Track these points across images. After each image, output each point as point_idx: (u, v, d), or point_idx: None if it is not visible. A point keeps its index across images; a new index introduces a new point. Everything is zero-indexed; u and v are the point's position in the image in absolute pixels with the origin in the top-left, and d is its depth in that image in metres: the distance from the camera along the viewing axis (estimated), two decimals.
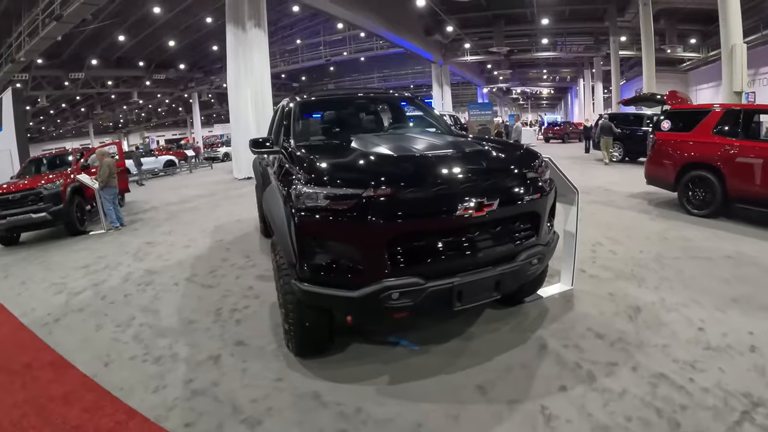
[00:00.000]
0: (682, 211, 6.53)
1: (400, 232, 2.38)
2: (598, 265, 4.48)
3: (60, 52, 23.65)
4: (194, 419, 2.43)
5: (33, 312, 4.37)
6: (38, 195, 7.46)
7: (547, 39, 29.23)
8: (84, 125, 43.25)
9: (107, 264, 5.90)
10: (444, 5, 23.29)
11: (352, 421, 2.33)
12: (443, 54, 30.89)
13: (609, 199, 7.87)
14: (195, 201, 10.93)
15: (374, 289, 2.33)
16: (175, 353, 3.23)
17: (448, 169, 2.58)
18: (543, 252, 2.80)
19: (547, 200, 2.83)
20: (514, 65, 37.01)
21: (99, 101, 37.54)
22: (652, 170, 7.13)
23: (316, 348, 2.93)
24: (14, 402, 2.74)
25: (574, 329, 3.19)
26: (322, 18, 27.99)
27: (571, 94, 46.53)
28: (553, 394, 2.47)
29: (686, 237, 5.34)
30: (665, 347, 2.88)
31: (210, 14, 22.87)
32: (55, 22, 14.48)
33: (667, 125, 6.93)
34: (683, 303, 3.52)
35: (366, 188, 2.34)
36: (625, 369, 2.66)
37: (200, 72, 35.00)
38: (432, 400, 2.47)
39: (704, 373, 2.57)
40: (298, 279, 2.51)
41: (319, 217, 2.37)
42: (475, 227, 2.52)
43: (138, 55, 28.56)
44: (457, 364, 2.81)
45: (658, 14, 20.51)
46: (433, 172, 2.54)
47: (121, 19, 21.06)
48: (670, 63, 27.17)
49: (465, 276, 2.46)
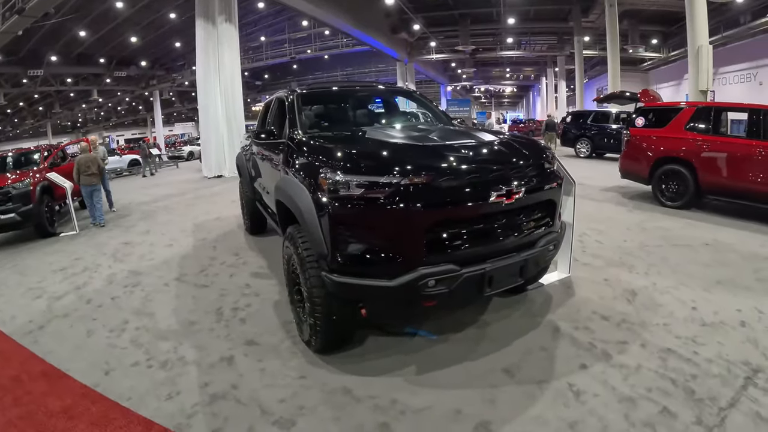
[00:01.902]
0: (656, 203, 6.87)
1: (437, 219, 2.39)
2: (589, 254, 4.66)
3: (19, 48, 22.31)
4: (220, 425, 2.31)
5: (13, 320, 4.04)
6: (6, 194, 6.95)
7: (512, 38, 29.85)
8: (42, 125, 41.11)
9: (86, 266, 5.60)
10: (411, 3, 23.42)
11: (389, 412, 2.32)
12: (409, 52, 31.05)
13: (585, 193, 8.13)
14: (167, 200, 10.54)
15: (412, 278, 2.33)
16: (182, 356, 3.05)
17: (478, 158, 2.64)
18: (558, 239, 2.91)
19: (561, 189, 2.96)
20: (478, 64, 37.63)
21: (58, 100, 35.73)
22: (627, 165, 7.44)
23: (340, 343, 2.91)
24: (8, 420, 2.46)
25: (580, 313, 3.34)
26: (287, 15, 27.67)
27: (533, 93, 47.81)
28: (575, 372, 2.59)
29: (664, 227, 5.64)
30: (666, 325, 3.10)
31: (174, 10, 22.15)
32: (17, 16, 13.64)
33: (641, 122, 7.25)
34: (673, 286, 3.76)
35: (403, 176, 2.34)
36: (635, 346, 2.84)
37: (162, 69, 33.85)
38: (463, 386, 2.52)
39: (705, 346, 2.81)
40: (330, 270, 2.47)
41: (354, 205, 2.35)
42: (503, 215, 2.59)
43: (99, 51, 27.31)
44: (478, 350, 2.87)
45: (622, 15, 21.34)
46: (465, 160, 2.58)
47: (82, 14, 20.07)
48: (632, 63, 28.33)
49: (495, 262, 2.51)
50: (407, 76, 32.09)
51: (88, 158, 8.12)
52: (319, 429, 2.25)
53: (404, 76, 32.00)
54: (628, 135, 7.35)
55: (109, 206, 9.55)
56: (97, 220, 8.10)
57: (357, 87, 4.69)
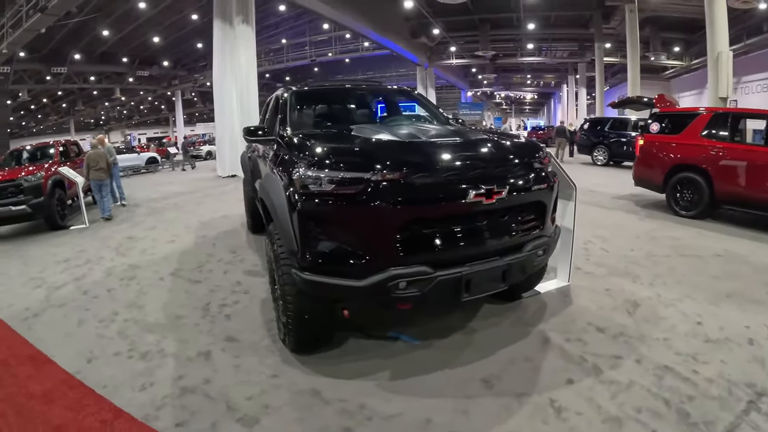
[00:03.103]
0: (669, 212, 6.63)
1: (409, 218, 2.30)
2: (592, 262, 4.49)
3: (42, 45, 22.92)
4: (186, 418, 2.29)
5: (10, 307, 4.15)
6: (18, 187, 7.12)
7: (533, 44, 29.53)
8: (65, 121, 42.15)
9: (88, 258, 5.68)
10: (431, 8, 23.32)
11: (356, 417, 2.23)
12: (428, 57, 30.94)
13: (596, 200, 7.95)
14: (178, 198, 10.66)
15: (381, 278, 2.24)
16: (163, 349, 3.09)
17: (457, 155, 2.52)
18: (548, 243, 2.77)
19: (552, 192, 2.81)
20: (498, 69, 37.30)
21: (81, 97, 36.59)
22: (641, 172, 7.21)
23: (314, 343, 2.83)
24: None
25: (575, 323, 3.18)
26: (308, 18, 27.82)
27: (554, 100, 47.20)
28: (560, 386, 2.43)
29: (675, 236, 5.42)
30: (666, 340, 2.91)
31: (195, 11, 22.53)
32: (40, 14, 14.03)
33: (655, 127, 7.02)
34: (678, 298, 3.57)
35: (374, 172, 2.26)
36: (629, 361, 2.66)
37: (184, 70, 34.42)
38: (438, 395, 2.40)
39: (707, 365, 2.61)
40: (300, 268, 2.40)
41: (323, 201, 2.28)
42: (484, 215, 2.47)
43: (121, 50, 27.91)
44: (460, 358, 2.75)
45: (643, 22, 20.92)
46: (442, 157, 2.47)
47: (105, 13, 20.56)
48: (654, 70, 27.71)
49: (474, 265, 2.39)
50: (427, 80, 31.98)
51: (97, 154, 8.41)
52: (281, 429, 2.18)
53: (424, 80, 31.90)
54: (642, 141, 7.13)
55: (120, 200, 9.79)
56: (105, 213, 8.33)
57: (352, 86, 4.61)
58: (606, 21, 23.62)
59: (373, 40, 26.03)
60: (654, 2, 18.94)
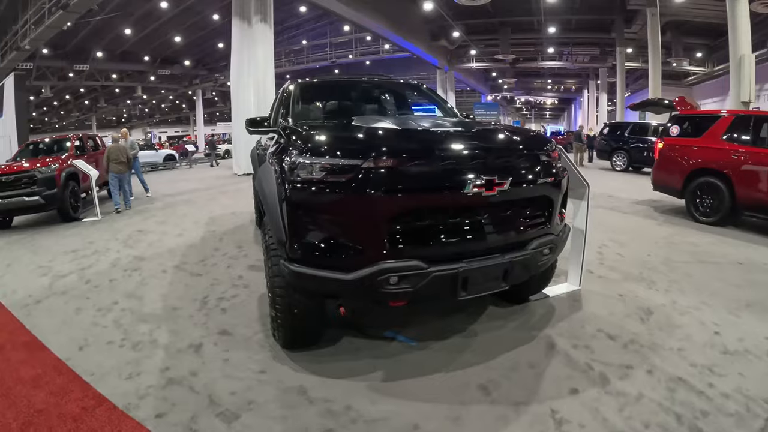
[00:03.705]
0: (688, 218, 6.37)
1: (402, 208, 2.17)
2: (606, 267, 4.30)
3: (65, 42, 23.45)
4: (167, 410, 2.24)
5: (14, 294, 4.20)
6: (32, 178, 7.22)
7: (553, 48, 29.08)
8: (87, 118, 43.03)
9: (96, 249, 5.71)
10: (451, 10, 23.17)
11: (340, 419, 2.11)
12: (448, 60, 30.75)
13: (614, 205, 7.72)
14: (192, 194, 10.74)
15: (370, 272, 2.11)
16: (155, 340, 3.05)
17: (457, 144, 2.38)
18: (554, 242, 2.59)
19: (560, 187, 2.63)
20: (518, 74, 36.91)
21: (103, 94, 37.29)
22: (660, 176, 6.96)
23: (305, 339, 2.72)
24: None
25: (584, 329, 3.01)
26: (329, 19, 27.88)
27: (575, 105, 46.52)
28: (563, 396, 2.27)
29: (694, 242, 5.19)
30: (681, 350, 2.72)
31: (216, 12, 22.74)
32: (62, 11, 14.30)
33: (675, 130, 6.76)
34: (695, 306, 3.37)
35: (365, 159, 2.13)
36: (640, 372, 2.48)
37: (205, 69, 34.81)
38: (430, 399, 2.26)
39: (724, 378, 2.41)
40: (288, 259, 2.30)
41: (313, 189, 2.17)
42: (484, 209, 2.32)
43: (143, 49, 28.35)
44: (458, 361, 2.61)
45: (665, 27, 20.39)
46: (440, 146, 2.34)
47: (127, 12, 20.87)
48: (675, 76, 27.02)
49: (471, 262, 2.24)
50: (447, 84, 31.82)
51: (118, 148, 8.65)
52: (261, 427, 2.09)
53: (444, 84, 31.74)
54: (661, 144, 6.88)
55: (145, 192, 10.43)
56: (119, 205, 8.61)
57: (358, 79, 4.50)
58: (628, 25, 23.09)
59: (393, 42, 25.98)
60: (676, 6, 18.43)
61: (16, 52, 17.91)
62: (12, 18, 18.30)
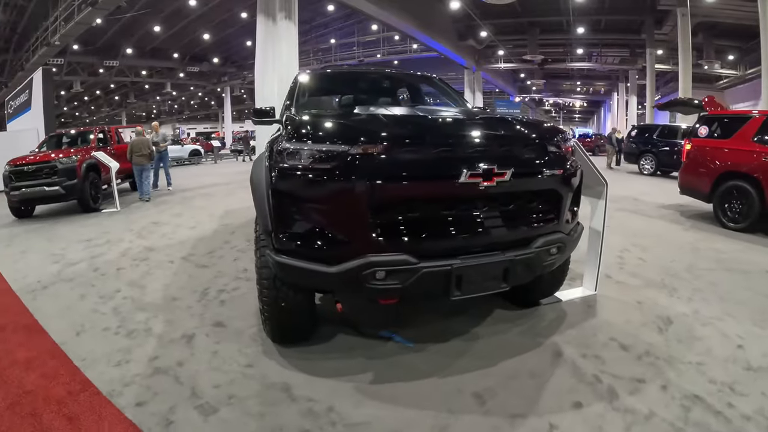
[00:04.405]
0: (716, 224, 6.02)
1: (391, 198, 2.03)
2: (626, 272, 4.06)
3: (96, 39, 24.13)
4: (148, 399, 2.20)
5: (24, 279, 4.27)
6: (53, 168, 7.39)
7: (582, 49, 28.37)
8: (117, 113, 44.18)
9: (109, 239, 5.78)
10: (478, 9, 22.86)
11: (319, 420, 2.00)
12: (476, 60, 30.36)
13: (638, 208, 7.40)
14: (212, 188, 10.86)
15: (355, 265, 1.99)
16: (150, 328, 3.03)
17: (454, 130, 2.23)
18: (563, 241, 2.40)
19: (571, 181, 2.43)
20: (547, 75, 36.17)
21: (133, 90, 38.13)
22: (687, 179, 6.60)
23: (293, 334, 2.62)
24: None
25: (596, 338, 2.80)
26: (357, 18, 27.86)
27: (605, 108, 45.34)
28: (565, 410, 2.08)
29: (720, 249, 4.88)
30: (700, 365, 2.48)
31: (245, 9, 23.00)
32: (90, 8, 14.68)
33: (704, 131, 6.40)
34: (719, 317, 3.10)
35: (351, 145, 2.01)
36: (653, 387, 2.26)
37: (233, 67, 35.29)
38: (418, 405, 2.11)
39: (745, 398, 2.17)
40: (274, 250, 2.20)
41: (299, 177, 2.07)
42: (482, 201, 2.15)
43: (172, 46, 28.96)
44: (454, 366, 2.45)
45: (696, 28, 19.58)
46: (434, 132, 2.20)
47: (156, 9, 21.36)
48: (707, 79, 25.92)
49: (467, 259, 2.08)
50: (475, 84, 31.45)
51: (141, 141, 8.97)
52: (237, 422, 2.01)
53: (472, 84, 31.38)
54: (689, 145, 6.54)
55: (168, 185, 10.62)
56: (144, 195, 8.93)
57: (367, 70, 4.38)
58: (658, 26, 22.31)
59: (421, 42, 25.78)
60: (707, 7, 17.73)
61: (47, 47, 18.52)
62: (42, 14, 18.95)
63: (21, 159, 7.71)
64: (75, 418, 2.05)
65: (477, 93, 31.80)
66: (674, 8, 18.10)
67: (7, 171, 7.46)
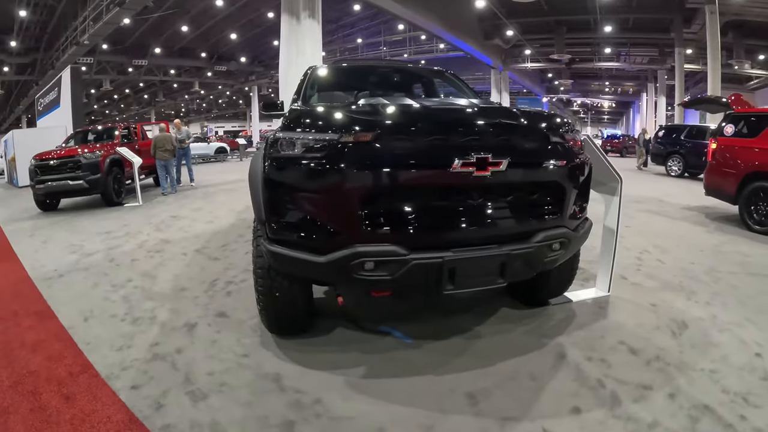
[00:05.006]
0: (742, 227, 5.74)
1: (380, 186, 1.99)
2: (643, 273, 3.90)
3: (125, 39, 24.84)
4: (143, 383, 2.25)
5: (42, 267, 4.42)
6: (77, 163, 7.62)
7: (610, 49, 27.67)
8: (146, 111, 45.29)
9: (128, 231, 5.93)
10: (504, 8, 22.57)
11: (305, 412, 1.98)
12: (503, 59, 30.00)
13: (662, 209, 7.13)
14: (234, 184, 11.00)
15: (343, 255, 1.96)
16: (155, 316, 3.10)
17: (447, 119, 2.17)
18: (567, 236, 2.28)
19: (575, 174, 2.32)
20: (575, 75, 35.47)
21: (161, 89, 38.96)
22: (712, 180, 6.32)
23: (289, 324, 2.62)
24: None
25: (604, 340, 2.67)
26: (383, 18, 27.87)
27: (634, 109, 44.14)
28: (562, 415, 1.98)
29: (745, 252, 4.64)
30: (713, 373, 2.32)
31: (271, 9, 23.27)
32: (118, 8, 15.11)
33: (730, 130, 6.11)
34: (737, 322, 2.93)
35: (340, 133, 1.99)
36: (660, 395, 2.13)
37: (260, 66, 35.66)
38: (408, 402, 2.05)
39: (759, 410, 2.02)
40: (268, 239, 2.20)
41: (289, 166, 2.07)
42: (477, 192, 2.08)
43: (200, 46, 29.53)
44: (451, 364, 2.38)
45: (726, 27, 18.83)
46: (428, 120, 2.14)
47: (183, 9, 21.82)
48: (737, 80, 24.96)
49: (460, 252, 2.02)
50: (502, 84, 31.11)
51: (164, 137, 9.26)
52: (224, 409, 2.02)
53: (498, 84, 31.05)
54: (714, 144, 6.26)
55: (190, 181, 10.80)
56: (165, 189, 9.31)
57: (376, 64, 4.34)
58: (687, 25, 21.51)
59: (446, 41, 25.63)
60: (736, 5, 17.05)
61: (76, 47, 19.14)
62: (72, 14, 19.61)
63: (46, 153, 7.98)
64: (71, 397, 2.12)
65: (504, 93, 31.43)
66: (702, 6, 17.52)
67: (32, 165, 7.75)
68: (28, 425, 1.90)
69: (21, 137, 13.29)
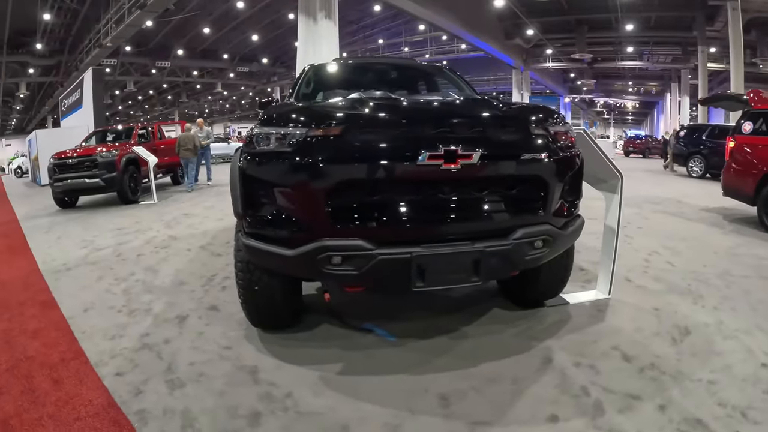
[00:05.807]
0: (760, 229, 5.49)
1: (347, 180, 1.97)
2: (650, 276, 3.76)
3: (148, 40, 25.48)
4: (127, 370, 2.33)
5: (53, 261, 4.56)
6: (94, 161, 7.87)
7: (632, 48, 27.03)
8: (170, 112, 46.26)
9: (139, 228, 6.07)
10: (524, 7, 22.29)
11: (273, 405, 1.98)
12: (524, 59, 29.67)
13: (679, 210, 6.92)
14: None
15: (310, 249, 1.95)
16: (151, 308, 3.19)
17: (418, 111, 2.15)
18: (551, 234, 2.19)
19: (562, 168, 2.23)
20: (597, 75, 34.76)
21: (184, 90, 39.69)
22: (730, 180, 6.07)
23: (270, 319, 2.63)
24: None
25: (596, 345, 2.55)
26: (404, 18, 27.91)
27: (657, 110, 43.02)
28: (537, 422, 1.88)
29: (761, 255, 4.43)
30: (712, 384, 2.16)
31: (292, 11, 23.49)
32: (140, 11, 15.51)
33: (748, 128, 5.86)
34: (746, 329, 2.75)
35: (309, 126, 1.99)
36: (649, 406, 1.98)
37: (282, 67, 36.01)
38: (377, 401, 2.02)
39: (758, 427, 1.85)
40: (244, 233, 2.24)
41: (263, 160, 2.09)
42: (448, 186, 2.03)
43: (222, 47, 30.06)
44: (431, 364, 2.33)
45: (749, 25, 18.22)
46: (396, 113, 2.11)
47: (205, 11, 22.24)
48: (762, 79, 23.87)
49: (430, 248, 1.97)
50: (523, 84, 30.79)
51: (186, 137, 9.81)
52: (198, 397, 2.06)
53: (520, 84, 30.76)
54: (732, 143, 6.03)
55: (207, 180, 11.14)
56: (188, 186, 9.86)
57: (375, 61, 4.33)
58: (710, 23, 20.84)
59: (467, 41, 25.53)
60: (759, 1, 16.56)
61: (99, 49, 19.77)
62: (95, 17, 20.18)
63: (64, 152, 8.25)
64: (60, 381, 2.22)
65: (525, 93, 31.05)
66: (725, 2, 17.00)
67: (51, 164, 8.03)
68: (17, 405, 2.00)
69: (44, 137, 13.79)
